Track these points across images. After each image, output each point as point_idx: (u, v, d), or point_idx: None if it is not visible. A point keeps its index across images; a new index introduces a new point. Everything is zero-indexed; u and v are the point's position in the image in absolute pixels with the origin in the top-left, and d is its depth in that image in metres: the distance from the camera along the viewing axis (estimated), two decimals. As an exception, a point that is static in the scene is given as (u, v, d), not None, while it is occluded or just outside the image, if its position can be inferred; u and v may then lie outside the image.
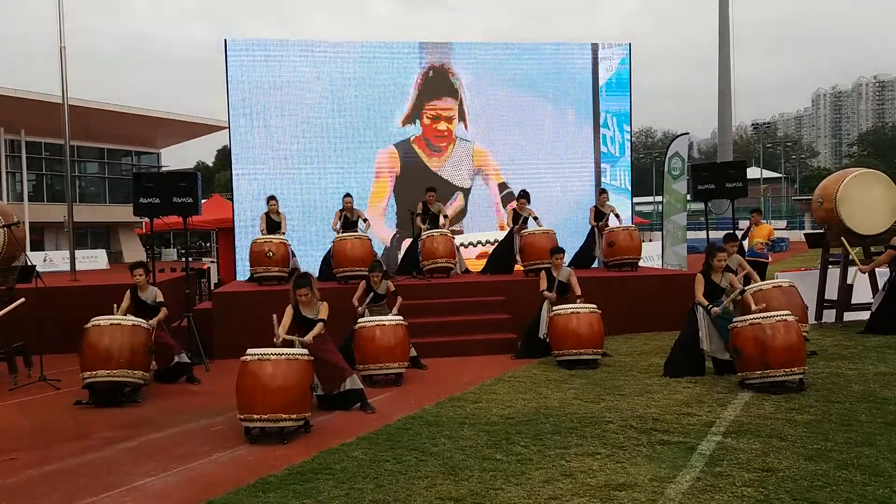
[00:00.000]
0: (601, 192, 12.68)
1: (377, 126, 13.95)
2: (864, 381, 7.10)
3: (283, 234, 11.36)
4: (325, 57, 13.76)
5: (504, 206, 14.34)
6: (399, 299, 8.79)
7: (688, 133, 21.10)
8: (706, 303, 7.62)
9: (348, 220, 11.45)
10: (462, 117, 14.32)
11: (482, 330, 10.03)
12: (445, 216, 11.90)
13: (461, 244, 13.75)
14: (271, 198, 11.62)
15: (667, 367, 7.82)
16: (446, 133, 14.23)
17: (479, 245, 13.94)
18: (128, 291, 8.12)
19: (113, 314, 7.82)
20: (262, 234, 11.19)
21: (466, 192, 14.35)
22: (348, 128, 13.82)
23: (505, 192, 14.42)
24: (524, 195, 11.82)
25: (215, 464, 5.33)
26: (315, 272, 11.67)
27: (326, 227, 12.76)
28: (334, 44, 13.92)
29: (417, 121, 14.12)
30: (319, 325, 6.66)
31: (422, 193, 12.09)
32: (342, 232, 11.21)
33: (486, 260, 12.78)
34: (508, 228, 11.82)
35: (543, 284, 9.06)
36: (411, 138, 14.07)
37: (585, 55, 14.88)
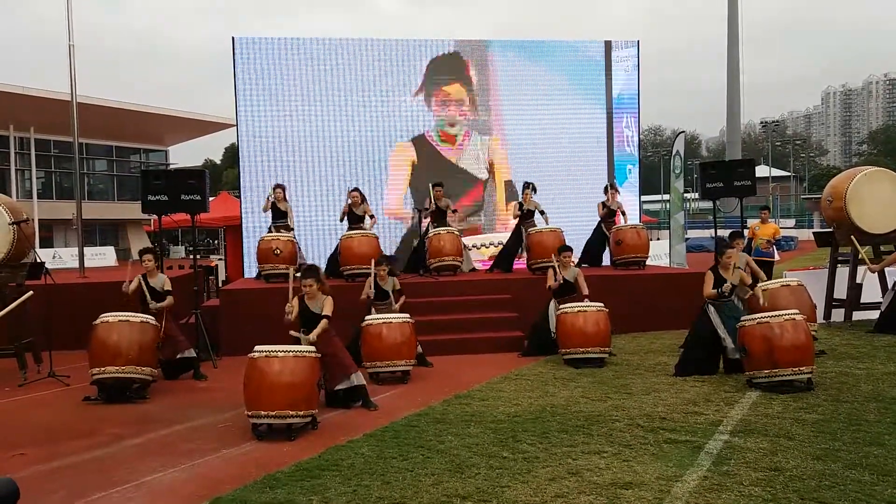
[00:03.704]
0: (609, 187, 12.66)
1: (388, 122, 13.94)
2: (872, 380, 7.07)
3: (291, 228, 11.38)
4: (333, 54, 13.75)
5: (509, 204, 14.36)
6: (403, 298, 8.79)
7: (684, 131, 21.07)
8: (715, 293, 7.58)
9: (354, 214, 11.45)
10: (472, 102, 14.29)
11: (489, 328, 10.03)
12: (454, 210, 11.89)
13: (473, 245, 13.75)
14: (278, 186, 11.61)
15: (678, 367, 7.77)
16: (457, 118, 14.21)
17: (492, 246, 13.91)
18: (137, 276, 8.14)
19: (123, 289, 8.01)
20: (264, 213, 11.42)
21: (485, 182, 14.34)
22: (358, 124, 13.81)
23: (512, 190, 14.38)
24: (528, 186, 11.80)
25: (223, 460, 5.35)
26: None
27: (334, 224, 12.81)
28: (342, 41, 13.90)
29: (430, 110, 14.10)
30: (323, 322, 6.65)
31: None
32: (348, 226, 11.25)
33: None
34: (515, 221, 11.83)
35: (550, 281, 9.04)
36: (425, 132, 14.07)
37: (598, 52, 14.86)
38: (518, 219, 11.75)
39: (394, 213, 13.93)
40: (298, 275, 6.88)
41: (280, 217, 11.36)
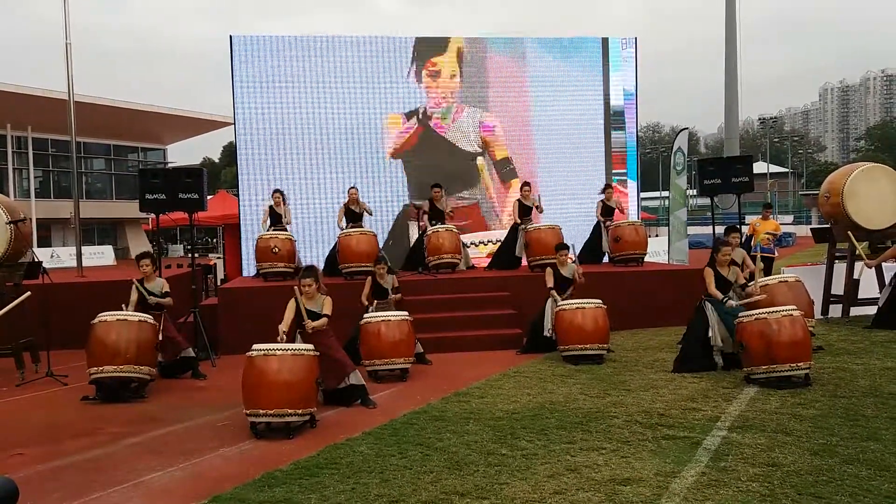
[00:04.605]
0: (606, 186, 12.71)
1: (386, 119, 13.93)
2: (870, 375, 7.08)
3: (288, 223, 11.40)
4: (330, 51, 13.71)
5: (504, 183, 14.33)
6: (399, 295, 8.81)
7: (687, 128, 21.06)
8: (720, 295, 7.59)
9: (353, 213, 11.45)
10: (462, 74, 14.26)
11: (487, 325, 10.04)
12: (450, 214, 11.90)
13: (472, 243, 13.75)
14: (276, 191, 11.66)
15: (677, 364, 7.79)
16: (449, 89, 14.17)
17: (490, 244, 13.91)
18: (133, 286, 8.13)
19: (124, 311, 7.84)
20: (265, 227, 11.26)
21: (477, 156, 14.30)
22: (356, 121, 13.79)
23: (507, 168, 14.37)
24: (526, 185, 11.89)
25: (221, 459, 5.35)
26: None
27: (333, 222, 12.81)
28: (340, 38, 13.87)
29: (420, 85, 14.07)
30: (322, 320, 6.68)
31: (435, 171, 12.15)
32: (347, 226, 11.25)
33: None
34: (515, 222, 11.88)
35: (550, 281, 9.05)
36: (419, 109, 14.04)
37: (596, 49, 14.86)
38: (520, 220, 11.77)
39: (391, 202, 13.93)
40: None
41: (278, 220, 11.37)
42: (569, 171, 14.67)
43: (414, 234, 13.07)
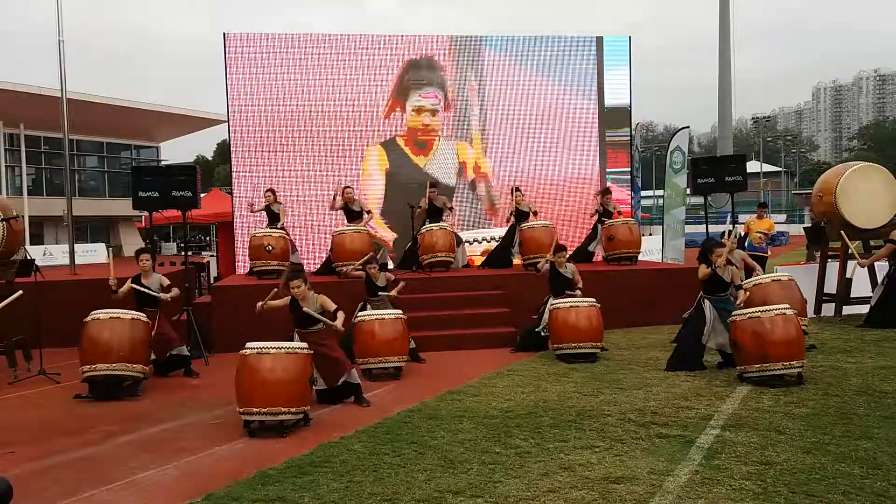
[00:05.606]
0: (606, 191, 12.58)
1: (373, 119, 13.92)
2: (862, 374, 7.11)
3: (282, 225, 11.38)
4: (323, 49, 13.71)
5: (494, 203, 14.33)
6: (401, 284, 8.83)
7: (688, 127, 21.04)
8: (709, 272, 7.52)
9: (351, 210, 11.36)
10: (447, 108, 14.25)
11: (481, 324, 10.04)
12: (451, 208, 11.91)
13: (466, 241, 13.76)
14: (268, 191, 11.62)
15: (671, 362, 7.79)
16: (431, 128, 14.17)
17: (484, 242, 13.92)
18: (129, 279, 8.09)
19: (111, 284, 7.97)
20: (262, 223, 11.25)
21: (452, 190, 14.24)
22: (350, 120, 13.78)
23: (495, 202, 14.38)
24: (517, 190, 11.93)
25: (215, 457, 5.34)
26: (315, 267, 11.74)
27: (326, 221, 12.79)
28: (333, 37, 13.85)
29: (402, 116, 14.06)
30: (341, 315, 6.62)
31: (410, 192, 12.14)
32: (346, 221, 11.23)
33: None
34: (511, 223, 11.90)
35: (542, 265, 9.13)
36: (396, 137, 14.02)
37: (590, 48, 14.88)
38: (515, 221, 11.78)
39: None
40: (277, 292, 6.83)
41: (274, 220, 11.32)
42: (565, 171, 14.69)
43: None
